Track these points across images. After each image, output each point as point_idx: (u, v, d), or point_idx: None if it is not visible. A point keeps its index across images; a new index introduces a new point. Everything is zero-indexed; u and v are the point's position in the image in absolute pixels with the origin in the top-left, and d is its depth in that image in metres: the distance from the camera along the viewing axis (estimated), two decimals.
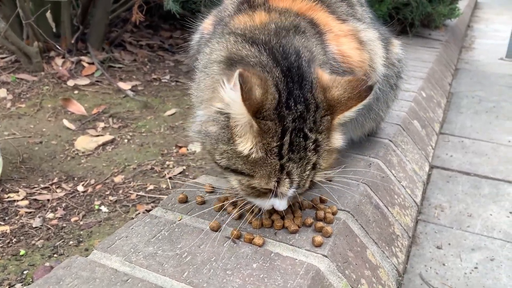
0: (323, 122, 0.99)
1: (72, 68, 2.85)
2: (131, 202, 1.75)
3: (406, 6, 3.83)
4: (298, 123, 0.97)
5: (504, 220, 1.94)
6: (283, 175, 0.98)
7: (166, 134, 2.29)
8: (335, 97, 0.99)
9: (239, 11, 1.23)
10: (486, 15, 8.32)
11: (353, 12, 1.40)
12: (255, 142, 0.95)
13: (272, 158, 0.96)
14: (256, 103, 0.92)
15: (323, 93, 1.00)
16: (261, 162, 0.96)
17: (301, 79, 1.00)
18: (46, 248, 1.49)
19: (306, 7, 1.25)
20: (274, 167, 0.97)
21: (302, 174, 0.99)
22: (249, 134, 0.95)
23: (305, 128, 0.97)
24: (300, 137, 0.97)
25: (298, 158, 0.98)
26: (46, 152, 2.07)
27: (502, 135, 2.82)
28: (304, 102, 0.98)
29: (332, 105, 1.00)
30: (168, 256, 0.99)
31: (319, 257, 1.02)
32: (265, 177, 0.98)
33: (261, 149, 0.95)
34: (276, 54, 1.03)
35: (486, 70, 4.47)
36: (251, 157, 0.96)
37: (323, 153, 1.01)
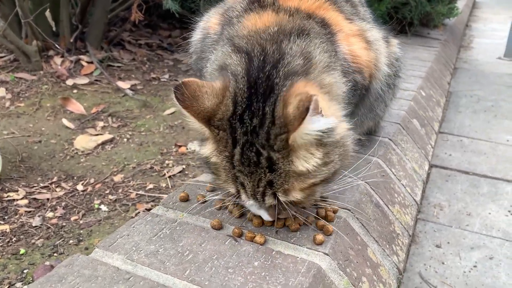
0: (277, 141, 0.93)
1: (71, 67, 2.85)
2: (130, 201, 1.75)
3: (405, 5, 3.84)
4: (251, 137, 0.94)
5: (502, 219, 1.94)
6: (238, 184, 0.98)
7: (165, 133, 2.29)
8: (289, 113, 0.90)
9: (249, 10, 1.21)
10: (484, 15, 8.34)
11: (357, 12, 1.40)
12: (214, 148, 0.98)
13: (226, 166, 0.98)
14: (205, 111, 0.95)
15: (283, 108, 0.92)
16: (220, 167, 0.99)
17: (269, 92, 0.96)
18: (46, 247, 1.48)
19: (315, 6, 1.22)
20: (228, 174, 0.98)
21: (256, 189, 0.97)
22: (209, 139, 0.99)
23: (257, 143, 0.94)
24: (252, 151, 0.94)
25: (248, 172, 0.95)
26: (45, 151, 2.07)
27: (501, 134, 2.82)
28: (260, 117, 0.94)
29: (286, 122, 0.91)
30: (169, 254, 0.99)
31: (320, 255, 1.02)
32: (225, 182, 1.00)
33: (217, 155, 0.98)
34: (253, 64, 1.00)
35: (484, 69, 4.48)
36: (211, 160, 0.99)
37: (283, 173, 0.94)
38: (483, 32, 6.61)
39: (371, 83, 1.36)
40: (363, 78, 1.29)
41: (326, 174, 0.98)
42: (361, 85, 1.30)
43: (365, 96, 1.39)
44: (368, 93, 1.39)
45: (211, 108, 0.95)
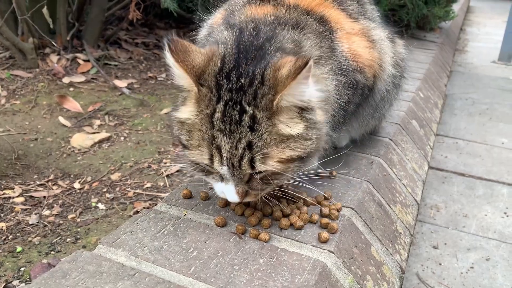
0: (264, 100, 0.95)
1: (68, 65, 2.82)
2: (128, 200, 1.73)
3: (402, 8, 3.86)
4: (236, 95, 0.96)
5: (498, 220, 1.95)
6: (213, 147, 0.96)
7: (162, 132, 2.28)
8: (279, 76, 0.95)
9: (250, 3, 1.24)
10: (478, 19, 8.42)
11: (363, 11, 1.40)
12: (194, 107, 0.98)
13: (203, 126, 0.96)
14: (197, 67, 0.96)
15: (274, 72, 0.96)
16: (195, 130, 0.97)
17: (260, 59, 0.99)
18: (43, 245, 1.47)
19: (316, 3, 1.24)
20: (204, 136, 0.96)
21: (234, 151, 0.95)
22: (190, 100, 0.99)
23: (243, 101, 0.95)
24: (235, 109, 0.95)
25: (229, 131, 0.95)
26: (41, 149, 2.05)
27: (495, 136, 2.85)
28: (249, 77, 0.97)
29: (276, 83, 0.95)
30: (174, 251, 0.98)
31: (325, 253, 1.01)
32: (198, 148, 0.98)
33: (197, 114, 0.97)
34: (244, 36, 1.05)
35: (479, 72, 4.52)
36: (188, 123, 0.98)
37: (264, 135, 0.95)
38: (477, 36, 6.67)
39: (376, 83, 1.36)
40: (365, 78, 1.29)
41: (303, 150, 0.99)
42: (362, 85, 1.29)
43: (369, 96, 1.39)
44: (373, 93, 1.39)
45: (202, 64, 0.97)
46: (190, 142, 0.99)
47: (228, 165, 0.96)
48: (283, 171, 0.99)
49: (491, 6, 10.20)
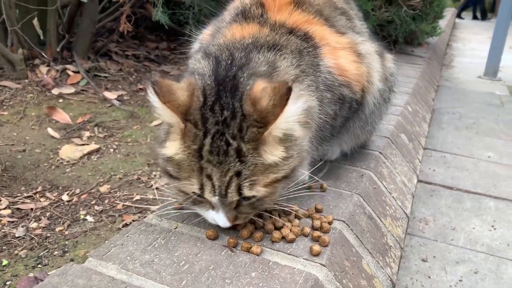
0: (249, 133, 0.97)
1: (57, 77, 2.81)
2: (117, 212, 1.72)
3: (390, 23, 3.93)
4: (222, 127, 0.98)
5: (486, 233, 1.97)
6: (203, 177, 0.98)
7: (152, 144, 2.27)
8: (264, 108, 0.96)
9: (234, 22, 1.25)
10: (463, 35, 8.59)
11: (352, 26, 1.42)
12: (181, 144, 0.98)
13: (192, 160, 0.98)
14: (182, 105, 0.97)
15: (253, 105, 0.98)
16: (184, 164, 0.99)
17: (234, 89, 1.01)
18: (30, 258, 1.44)
19: (303, 20, 1.25)
20: (194, 168, 0.98)
21: (222, 179, 0.97)
22: (176, 136, 0.99)
23: (227, 134, 0.97)
24: (222, 141, 0.97)
25: (217, 161, 0.97)
26: (29, 160, 2.02)
27: (482, 150, 2.89)
28: (230, 109, 0.99)
29: (263, 116, 0.97)
30: (165, 264, 0.97)
31: (317, 266, 1.01)
32: (188, 179, 0.99)
33: (184, 151, 0.98)
34: (220, 67, 1.07)
35: (465, 87, 4.60)
36: (176, 158, 0.99)
37: (251, 166, 0.97)
38: (463, 51, 6.81)
39: (365, 97, 1.38)
40: (352, 92, 1.30)
41: (286, 169, 1.02)
42: (350, 99, 1.30)
43: (358, 110, 1.40)
44: (362, 107, 1.40)
45: (186, 101, 0.98)
46: (179, 173, 1.00)
47: (219, 194, 0.99)
48: (271, 193, 1.03)
49: (476, 23, 10.42)
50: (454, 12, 12.14)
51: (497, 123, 3.50)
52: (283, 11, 1.26)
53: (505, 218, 2.09)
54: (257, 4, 1.27)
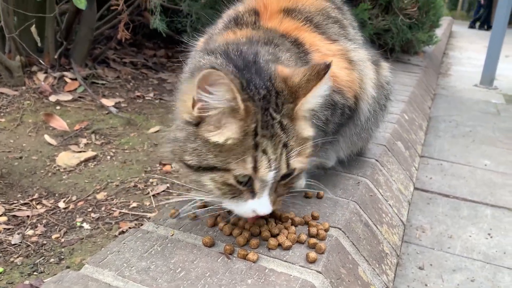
0: (285, 108, 1.02)
1: (55, 84, 2.81)
2: (113, 220, 1.71)
3: (387, 32, 3.95)
4: (264, 103, 1.00)
5: (483, 241, 1.97)
6: (259, 152, 0.98)
7: (149, 151, 2.27)
8: (296, 83, 1.02)
9: (227, 28, 1.27)
10: (460, 44, 8.65)
11: (345, 33, 1.44)
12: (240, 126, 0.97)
13: (248, 138, 0.98)
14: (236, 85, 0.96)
15: (284, 82, 1.03)
16: (237, 146, 0.98)
17: (260, 71, 1.04)
18: (26, 266, 1.43)
19: (293, 27, 1.28)
20: (250, 146, 0.98)
21: (276, 151, 0.99)
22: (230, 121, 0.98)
23: (270, 109, 1.01)
24: (268, 116, 1.00)
25: (270, 134, 0.99)
26: (26, 167, 2.02)
27: (479, 158, 2.90)
28: (265, 88, 1.02)
29: (293, 91, 1.02)
30: (161, 271, 0.97)
31: (313, 273, 1.01)
32: (242, 161, 0.98)
33: (241, 132, 0.97)
34: (231, 56, 1.09)
35: (462, 96, 4.63)
36: (227, 145, 0.97)
37: (292, 138, 1.02)
38: (460, 60, 6.85)
39: (358, 104, 1.38)
40: (344, 98, 1.31)
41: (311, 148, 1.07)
42: (341, 105, 1.31)
43: (353, 116, 1.41)
44: (356, 113, 1.41)
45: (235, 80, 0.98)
46: (226, 160, 0.99)
47: (275, 168, 1.00)
48: (303, 168, 1.08)
49: (473, 32, 10.49)
50: (451, 21, 12.24)
51: (494, 131, 3.51)
52: (274, 19, 1.28)
53: (501, 226, 2.10)
54: (250, 12, 1.29)
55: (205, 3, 2.77)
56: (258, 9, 1.31)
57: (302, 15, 1.32)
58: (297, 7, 1.33)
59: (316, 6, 1.40)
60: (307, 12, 1.34)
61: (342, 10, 1.55)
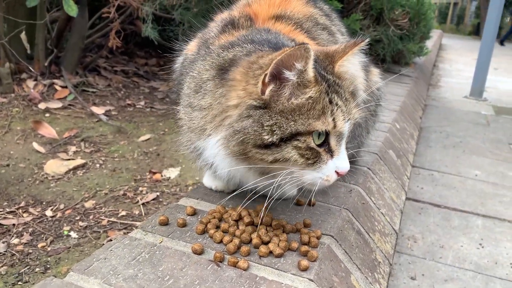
0: (329, 68, 1.12)
1: (44, 91, 2.79)
2: (102, 228, 1.68)
3: (378, 43, 3.99)
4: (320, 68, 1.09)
5: (474, 251, 1.97)
6: (334, 106, 1.06)
7: (139, 160, 2.24)
8: (333, 50, 1.14)
9: (223, 32, 1.25)
10: (449, 56, 8.76)
11: (334, 40, 1.44)
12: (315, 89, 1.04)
13: (322, 95, 1.05)
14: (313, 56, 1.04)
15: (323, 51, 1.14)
16: (315, 105, 1.04)
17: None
18: (10, 275, 1.40)
19: (286, 30, 1.28)
20: (326, 102, 1.05)
21: (344, 101, 1.09)
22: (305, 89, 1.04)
23: (322, 71, 1.09)
24: (325, 77, 1.09)
25: (335, 91, 1.08)
26: (13, 175, 1.98)
27: (469, 169, 2.91)
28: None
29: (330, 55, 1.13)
30: (149, 279, 0.95)
31: (305, 281, 0.99)
32: (322, 117, 1.04)
33: (317, 91, 1.05)
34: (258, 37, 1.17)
35: (452, 107, 4.66)
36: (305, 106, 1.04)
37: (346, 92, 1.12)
38: (450, 72, 6.93)
39: None
40: None
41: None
42: None
43: None
44: None
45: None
46: (308, 121, 1.04)
47: (348, 118, 1.09)
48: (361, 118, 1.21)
49: (462, 44, 10.64)
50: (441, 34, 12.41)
51: (484, 142, 3.53)
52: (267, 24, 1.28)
53: (492, 236, 2.09)
54: (246, 17, 1.28)
55: (198, 11, 2.77)
56: (252, 15, 1.31)
57: (292, 21, 1.32)
58: (286, 13, 1.34)
59: (304, 13, 1.40)
60: (296, 18, 1.35)
61: (330, 17, 1.56)
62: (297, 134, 1.04)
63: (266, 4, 1.36)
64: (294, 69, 1.01)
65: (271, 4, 1.35)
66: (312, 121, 1.04)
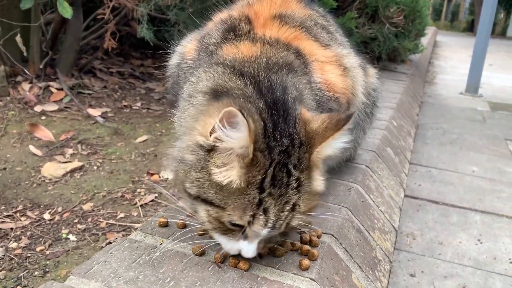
0: (304, 160, 0.95)
1: (40, 94, 2.77)
2: (100, 231, 1.68)
3: (374, 40, 4.00)
4: (283, 157, 0.93)
5: (473, 247, 1.97)
6: (259, 211, 0.91)
7: (137, 161, 2.23)
8: (313, 129, 0.96)
9: (226, 40, 1.22)
10: (444, 53, 8.79)
11: (334, 38, 1.44)
12: (241, 173, 0.90)
13: (252, 191, 0.90)
14: (253, 130, 0.89)
15: (304, 127, 0.96)
16: (238, 194, 0.91)
17: (286, 114, 0.97)
18: (9, 280, 1.39)
19: (292, 36, 1.25)
20: (252, 200, 0.90)
21: (280, 214, 0.92)
22: (235, 164, 0.91)
23: (289, 164, 0.93)
24: (284, 172, 0.92)
25: (278, 194, 0.92)
26: (10, 178, 1.97)
27: (466, 165, 2.91)
28: (289, 137, 0.94)
29: (309, 137, 0.95)
30: (150, 281, 0.94)
31: (306, 281, 0.99)
32: (239, 210, 0.91)
33: (244, 180, 0.90)
34: (262, 88, 1.01)
35: (448, 103, 4.68)
36: (229, 187, 0.91)
37: (304, 195, 0.95)
38: (445, 69, 6.95)
39: (349, 109, 1.38)
40: (339, 105, 1.31)
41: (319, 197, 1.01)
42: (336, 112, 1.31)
43: None
44: None
45: (254, 129, 0.90)
46: (225, 201, 0.92)
47: (270, 227, 0.93)
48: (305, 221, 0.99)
49: (456, 41, 10.68)
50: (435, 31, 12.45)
51: (480, 138, 3.55)
52: (269, 26, 1.25)
53: (491, 232, 2.10)
54: (245, 20, 1.26)
55: (193, 12, 2.77)
56: (250, 16, 1.28)
57: (296, 21, 1.30)
58: (287, 13, 1.32)
59: (303, 13, 1.40)
60: (297, 17, 1.34)
61: (326, 18, 1.57)
62: (211, 204, 0.94)
63: (268, 4, 1.33)
64: (229, 131, 0.89)
65: (272, 5, 1.33)
66: (229, 204, 0.92)
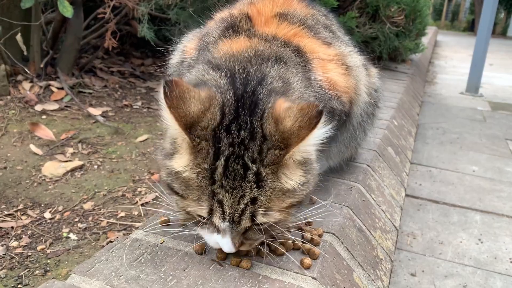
0: (269, 155, 0.91)
1: (40, 93, 2.77)
2: (101, 230, 1.67)
3: (375, 40, 3.99)
4: (238, 149, 0.91)
5: (473, 247, 1.97)
6: (214, 202, 0.90)
7: (137, 160, 2.23)
8: (287, 128, 0.90)
9: (224, 37, 1.21)
10: (444, 53, 8.79)
11: (336, 37, 1.44)
12: (189, 160, 0.90)
13: (203, 181, 0.90)
14: (189, 116, 0.89)
15: (275, 124, 0.92)
16: (193, 184, 0.91)
17: (254, 106, 0.95)
18: (10, 278, 1.39)
19: (292, 33, 1.25)
20: (204, 191, 0.90)
21: (236, 206, 0.90)
22: (184, 150, 0.91)
23: (246, 156, 0.90)
24: (239, 164, 0.90)
25: (231, 187, 0.89)
26: (10, 177, 1.97)
27: (467, 165, 2.92)
28: (249, 130, 0.92)
29: (285, 137, 0.90)
30: (152, 279, 0.94)
31: (308, 280, 0.99)
32: (196, 201, 0.91)
33: (193, 168, 0.90)
34: (236, 79, 1.00)
35: (448, 103, 4.68)
36: (183, 175, 0.91)
37: (268, 190, 0.91)
38: (445, 68, 6.95)
39: (352, 108, 1.38)
40: (341, 105, 1.30)
41: (302, 195, 0.97)
42: (339, 111, 1.31)
43: (346, 121, 1.40)
44: (350, 118, 1.41)
45: (196, 115, 0.90)
46: (186, 192, 0.92)
47: (230, 221, 0.91)
48: (284, 219, 0.96)
49: (457, 41, 10.68)
50: (436, 31, 12.46)
51: (480, 137, 3.55)
52: (270, 23, 1.25)
53: (491, 231, 2.10)
54: (245, 18, 1.26)
55: (194, 11, 2.77)
56: (251, 14, 1.28)
57: (296, 19, 1.30)
58: (289, 11, 1.32)
59: (305, 12, 1.40)
60: (299, 16, 1.33)
61: (329, 17, 1.56)
62: (177, 193, 0.94)
63: (270, 3, 1.32)
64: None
65: (275, 3, 1.32)
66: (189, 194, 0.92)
